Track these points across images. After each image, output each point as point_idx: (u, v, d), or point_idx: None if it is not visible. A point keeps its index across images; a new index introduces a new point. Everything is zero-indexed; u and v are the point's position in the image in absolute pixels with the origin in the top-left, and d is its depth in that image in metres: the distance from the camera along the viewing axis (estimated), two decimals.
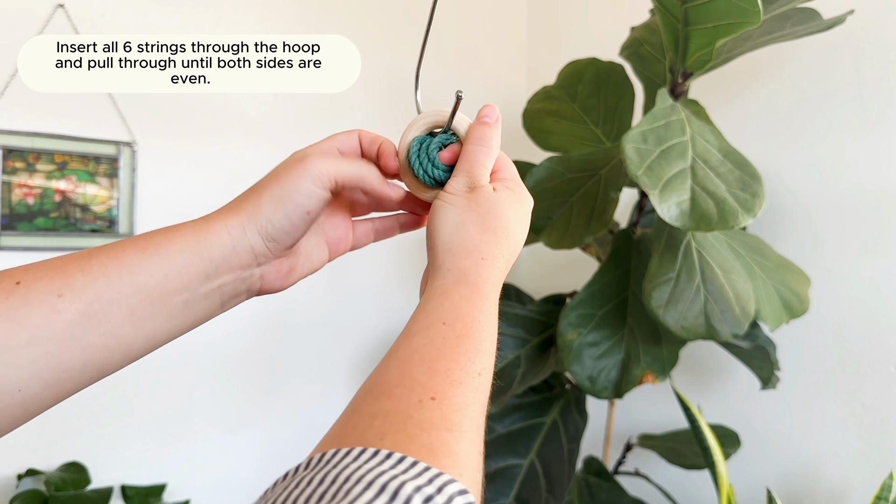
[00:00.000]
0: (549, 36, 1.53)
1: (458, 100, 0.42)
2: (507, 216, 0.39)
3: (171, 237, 0.36)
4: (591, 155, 0.91)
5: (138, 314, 0.34)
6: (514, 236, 0.40)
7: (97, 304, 0.32)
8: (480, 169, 0.40)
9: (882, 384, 0.92)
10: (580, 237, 0.90)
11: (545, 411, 1.01)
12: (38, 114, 0.97)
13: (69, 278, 0.32)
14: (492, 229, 0.38)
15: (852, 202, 0.96)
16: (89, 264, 0.33)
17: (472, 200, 0.39)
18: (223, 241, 0.37)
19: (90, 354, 0.32)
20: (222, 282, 0.37)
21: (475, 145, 0.41)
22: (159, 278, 0.34)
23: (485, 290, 0.36)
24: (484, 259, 0.37)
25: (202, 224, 0.37)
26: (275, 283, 0.41)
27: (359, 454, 0.23)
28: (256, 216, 0.38)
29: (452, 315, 0.33)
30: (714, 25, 0.72)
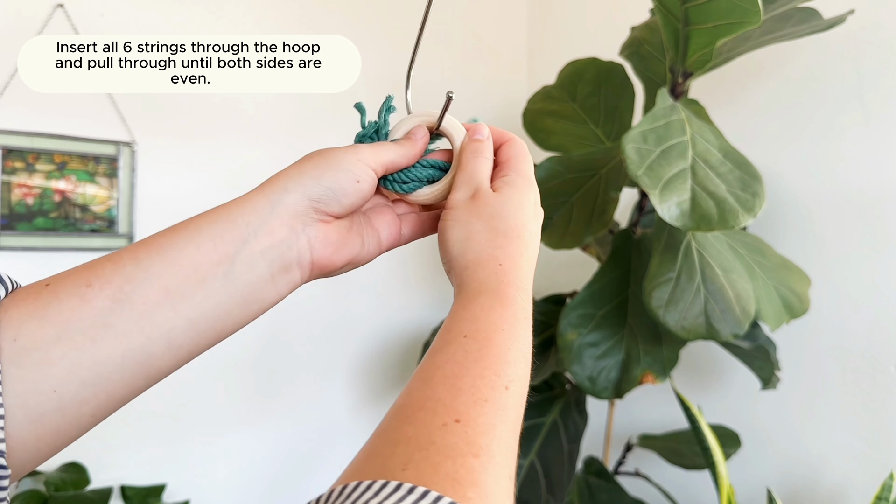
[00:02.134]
0: (549, 36, 1.53)
1: (449, 100, 0.41)
2: (514, 215, 0.38)
3: (204, 215, 0.34)
4: (592, 155, 0.91)
5: (174, 291, 0.31)
6: (527, 232, 0.38)
7: (128, 287, 0.30)
8: (479, 176, 0.40)
9: (882, 384, 0.92)
10: (580, 237, 0.90)
11: (545, 411, 1.01)
12: (38, 114, 0.97)
13: (98, 268, 0.31)
14: (502, 233, 0.37)
15: (852, 202, 0.96)
16: (118, 255, 0.32)
17: (474, 209, 0.38)
18: (260, 204, 0.35)
19: (128, 343, 0.30)
20: (264, 246, 0.34)
21: (471, 156, 0.40)
22: (191, 251, 0.32)
23: (506, 295, 0.34)
24: (502, 265, 0.36)
25: (235, 199, 0.35)
26: (325, 255, 0.37)
27: (380, 488, 0.22)
28: (300, 177, 0.36)
29: (473, 327, 0.32)
30: (714, 25, 0.72)
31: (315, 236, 0.37)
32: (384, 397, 1.37)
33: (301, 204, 0.36)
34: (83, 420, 0.29)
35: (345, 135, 1.40)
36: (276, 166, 1.13)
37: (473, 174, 0.40)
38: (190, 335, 0.32)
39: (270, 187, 0.36)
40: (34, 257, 0.98)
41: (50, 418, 0.28)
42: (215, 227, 0.33)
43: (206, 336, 0.33)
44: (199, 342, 0.33)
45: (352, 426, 1.32)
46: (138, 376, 0.31)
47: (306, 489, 1.28)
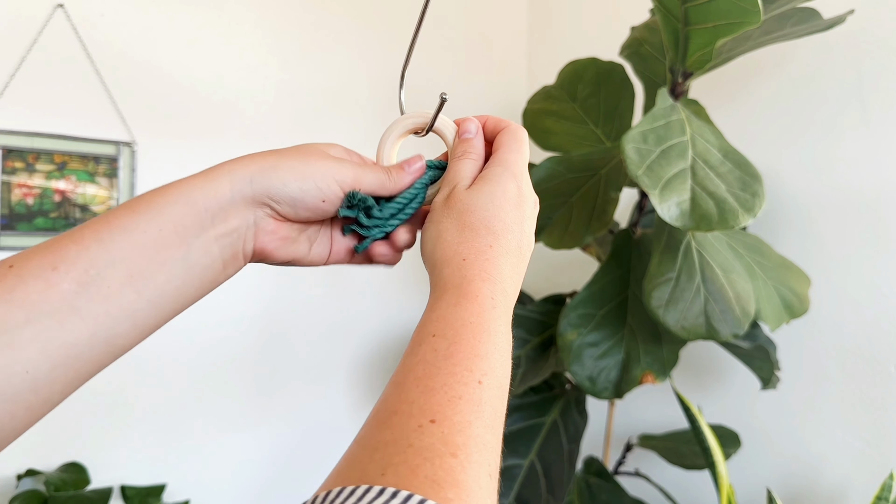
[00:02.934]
0: (549, 36, 1.53)
1: (443, 102, 0.41)
2: (483, 206, 0.37)
3: (166, 192, 0.34)
4: (592, 155, 0.91)
5: (137, 275, 0.32)
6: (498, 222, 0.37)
7: (93, 270, 0.31)
8: (459, 176, 0.39)
9: (882, 384, 0.92)
10: (580, 237, 0.90)
11: (545, 411, 1.01)
12: (38, 114, 0.97)
13: (62, 250, 0.31)
14: (469, 227, 0.36)
15: (852, 202, 0.96)
16: (81, 234, 0.32)
17: (447, 207, 0.38)
18: (222, 190, 0.35)
19: (95, 325, 0.31)
20: (218, 232, 0.35)
21: (456, 159, 0.40)
22: (153, 234, 0.33)
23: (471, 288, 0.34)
24: (465, 259, 0.35)
25: (203, 174, 0.36)
26: (271, 249, 0.39)
27: (363, 494, 0.23)
28: (270, 174, 0.36)
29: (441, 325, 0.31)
30: (714, 25, 0.72)
31: (264, 228, 0.38)
32: None
33: (260, 198, 0.36)
34: (55, 397, 0.31)
35: (344, 134, 1.41)
36: None
37: (454, 175, 0.40)
38: (152, 314, 0.33)
39: (237, 173, 0.36)
40: None
41: (24, 398, 0.29)
42: (176, 210, 0.34)
43: (166, 313, 0.34)
44: (159, 320, 0.34)
45: (352, 426, 1.32)
46: (105, 354, 0.32)
47: (306, 489, 1.28)
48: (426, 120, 0.42)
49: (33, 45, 0.96)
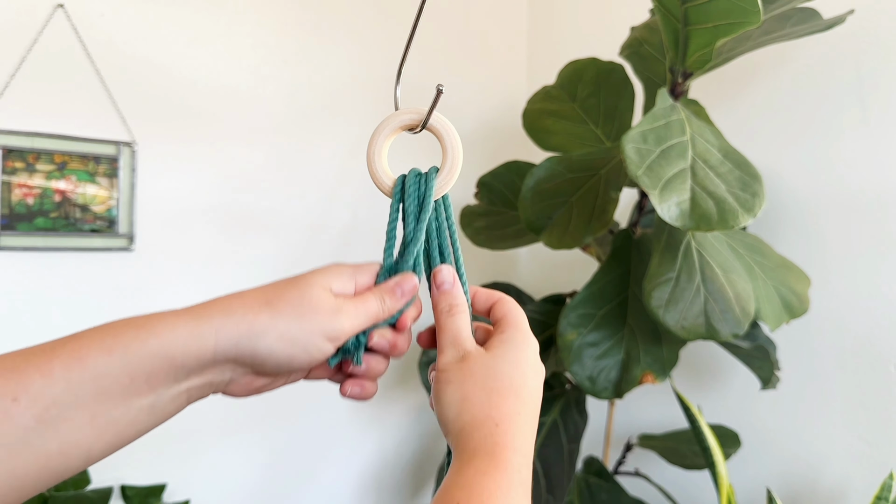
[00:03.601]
0: (549, 36, 1.53)
1: (439, 93, 0.39)
2: (511, 373, 0.37)
3: (143, 336, 0.33)
4: (591, 155, 0.91)
5: (100, 419, 0.31)
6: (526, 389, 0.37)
7: (55, 410, 0.30)
8: (462, 335, 0.39)
9: (882, 384, 0.92)
10: (580, 237, 0.90)
11: (545, 411, 1.01)
12: (38, 114, 0.97)
13: (26, 379, 0.30)
14: (497, 392, 0.36)
15: (852, 202, 0.96)
16: (49, 365, 0.30)
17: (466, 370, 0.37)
18: (206, 350, 0.34)
19: (46, 461, 0.30)
20: (191, 385, 0.35)
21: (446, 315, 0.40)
22: (125, 383, 0.32)
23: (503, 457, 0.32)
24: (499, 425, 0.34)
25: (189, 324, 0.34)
26: (239, 393, 0.38)
27: None
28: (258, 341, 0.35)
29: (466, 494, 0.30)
30: (714, 25, 0.72)
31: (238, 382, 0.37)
32: (384, 397, 1.37)
33: (242, 361, 0.35)
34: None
35: (344, 135, 1.41)
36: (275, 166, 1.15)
37: (456, 334, 0.39)
38: (106, 452, 0.33)
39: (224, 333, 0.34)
40: (34, 257, 0.98)
41: None
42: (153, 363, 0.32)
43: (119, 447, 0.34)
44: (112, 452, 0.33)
45: (352, 426, 1.32)
46: (52, 481, 0.31)
47: (306, 489, 1.28)
48: (421, 117, 0.41)
49: (33, 45, 0.96)
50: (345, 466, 1.32)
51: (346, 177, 1.28)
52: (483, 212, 1.11)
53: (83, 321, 1.03)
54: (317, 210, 1.26)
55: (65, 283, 1.01)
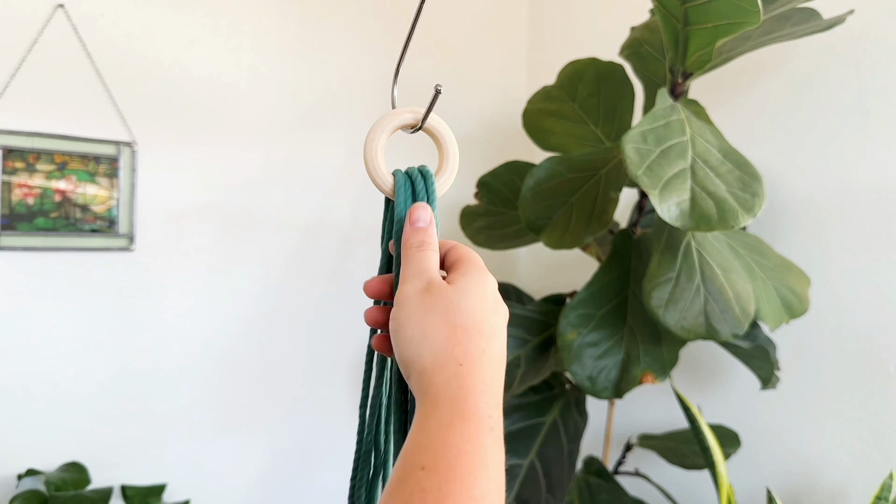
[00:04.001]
0: (549, 36, 1.53)
1: (437, 94, 0.39)
2: (472, 307, 0.34)
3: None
4: (591, 155, 0.91)
5: None
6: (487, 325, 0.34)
7: None
8: (429, 266, 0.36)
9: (882, 384, 0.92)
10: (580, 237, 0.90)
11: (545, 411, 1.01)
12: (38, 114, 0.97)
13: None
14: (461, 328, 0.33)
15: (852, 202, 0.96)
16: None
17: (428, 302, 0.34)
18: None
19: None
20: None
21: (416, 248, 0.37)
22: None
23: (469, 403, 0.30)
24: (462, 364, 0.31)
25: None
26: None
27: None
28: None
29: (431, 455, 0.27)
30: (714, 25, 0.72)
31: None
32: None
33: None
34: None
35: (344, 134, 1.41)
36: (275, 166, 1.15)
37: (421, 265, 0.36)
38: None
39: None
40: (34, 257, 0.98)
41: None
42: None
43: None
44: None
45: (352, 426, 1.32)
46: None
47: (306, 489, 1.28)
48: (418, 116, 0.41)
49: (33, 45, 0.96)
50: (345, 466, 1.32)
51: (346, 177, 1.28)
52: (483, 212, 1.11)
53: (83, 321, 1.03)
54: (317, 210, 1.26)
55: (65, 283, 1.01)
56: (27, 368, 0.98)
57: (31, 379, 0.98)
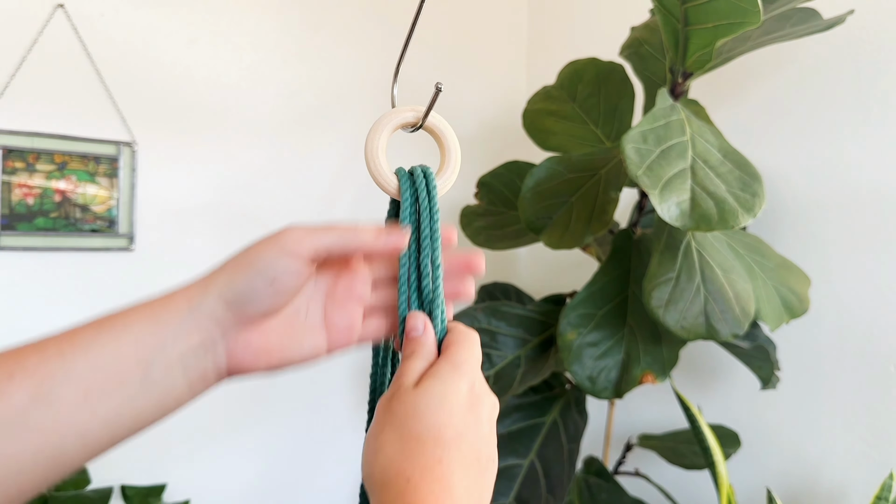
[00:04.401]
0: (549, 36, 1.53)
1: (438, 92, 0.38)
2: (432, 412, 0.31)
3: (130, 312, 0.33)
4: (591, 155, 0.91)
5: (93, 394, 0.31)
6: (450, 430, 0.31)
7: (48, 384, 0.30)
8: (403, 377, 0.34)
9: (882, 384, 0.92)
10: (580, 237, 0.90)
11: (545, 411, 1.01)
12: (38, 114, 0.97)
13: (23, 360, 0.30)
14: (414, 437, 0.31)
15: (852, 202, 0.96)
16: (44, 346, 0.31)
17: (389, 412, 0.33)
18: (180, 307, 0.34)
19: (42, 440, 0.29)
20: (181, 351, 0.33)
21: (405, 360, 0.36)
22: (113, 353, 0.32)
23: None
24: (409, 481, 0.29)
25: (165, 296, 0.34)
26: (244, 362, 0.36)
27: None
28: (217, 279, 0.35)
29: None
30: (714, 25, 0.72)
31: (234, 341, 0.35)
32: None
33: (218, 308, 0.34)
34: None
35: (344, 134, 1.41)
36: (275, 166, 1.15)
37: (398, 374, 0.35)
38: (104, 434, 0.32)
39: (195, 288, 0.35)
40: (34, 257, 0.98)
41: None
42: (137, 329, 0.33)
43: (120, 434, 0.32)
44: (113, 439, 0.32)
45: (352, 426, 1.32)
46: (50, 470, 0.30)
47: (306, 489, 1.28)
48: (419, 115, 0.40)
49: (33, 45, 0.96)
50: (345, 466, 1.32)
51: (346, 177, 1.28)
52: (483, 212, 1.11)
53: (83, 321, 1.03)
54: (317, 210, 1.26)
55: (65, 283, 1.01)
56: None
57: None
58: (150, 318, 0.33)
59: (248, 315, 0.35)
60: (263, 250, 0.35)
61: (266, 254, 0.34)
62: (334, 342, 0.38)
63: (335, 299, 0.39)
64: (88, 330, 0.32)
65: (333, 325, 0.38)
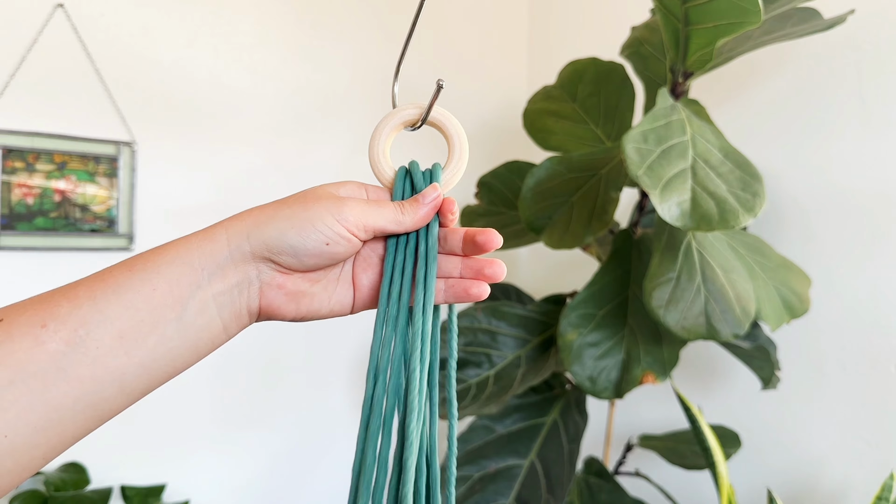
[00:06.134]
0: (549, 36, 1.53)
1: (439, 88, 0.38)
2: None
3: (164, 250, 0.33)
4: (592, 155, 0.91)
5: (128, 336, 0.31)
6: None
7: (83, 330, 0.30)
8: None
9: (882, 384, 0.92)
10: (580, 237, 0.90)
11: (545, 411, 1.01)
12: (38, 114, 0.97)
13: (54, 307, 0.30)
14: None
15: (853, 202, 0.96)
16: (75, 291, 0.31)
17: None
18: (219, 248, 0.34)
19: (80, 388, 0.29)
20: (216, 291, 0.33)
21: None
22: (147, 293, 0.31)
23: None
24: None
25: (201, 233, 0.35)
26: (278, 305, 0.36)
27: None
28: (266, 226, 0.34)
29: None
30: (715, 25, 0.72)
31: (268, 283, 0.36)
32: None
33: (259, 252, 0.34)
34: (35, 462, 0.29)
35: (344, 134, 1.41)
36: (275, 166, 1.15)
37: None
38: (142, 378, 0.32)
39: (234, 229, 0.35)
40: (34, 257, 0.98)
41: (1, 462, 0.28)
42: (172, 270, 0.33)
43: (157, 378, 0.33)
44: (150, 384, 0.32)
45: (351, 426, 1.32)
46: (90, 418, 0.30)
47: (306, 489, 1.28)
48: (421, 112, 0.40)
49: (33, 45, 0.96)
50: (345, 466, 1.32)
51: (347, 176, 1.28)
52: (483, 212, 1.11)
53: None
54: None
55: (64, 282, 1.01)
56: None
57: None
58: (183, 260, 0.33)
59: (291, 266, 0.36)
60: (325, 214, 0.35)
61: (328, 219, 0.35)
62: (360, 301, 0.40)
63: (363, 260, 0.40)
64: (120, 272, 0.32)
65: (361, 285, 0.40)
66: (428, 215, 0.38)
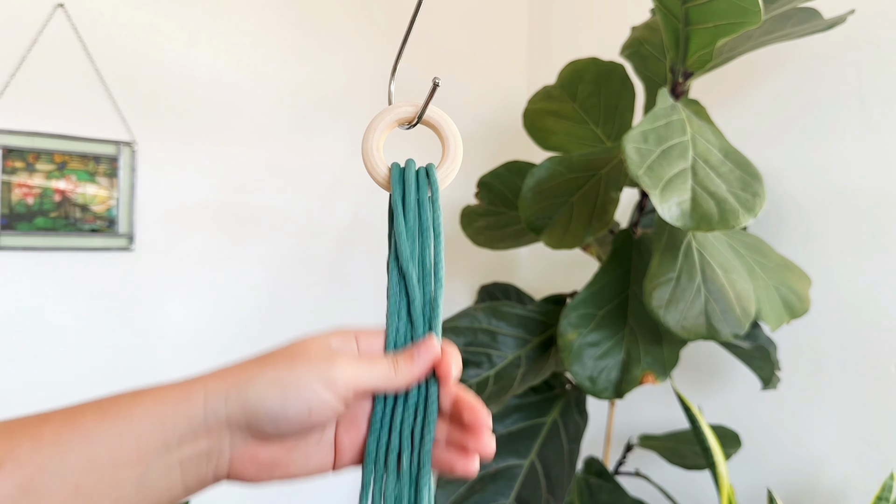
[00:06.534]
0: (549, 36, 1.53)
1: (435, 86, 0.38)
2: None
3: (140, 399, 0.32)
4: (592, 155, 0.91)
5: (85, 490, 0.29)
6: None
7: (39, 477, 0.28)
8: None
9: (882, 384, 0.92)
10: (580, 237, 0.90)
11: (545, 411, 1.01)
12: (38, 114, 0.97)
13: (16, 446, 0.29)
14: None
15: (853, 202, 0.96)
16: (41, 430, 0.29)
17: None
18: (195, 408, 0.32)
19: None
20: (184, 455, 0.32)
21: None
22: (114, 447, 0.30)
23: None
24: None
25: (178, 386, 0.32)
26: (246, 473, 0.35)
27: None
28: (246, 389, 0.32)
29: None
30: (715, 25, 0.72)
31: (240, 453, 0.34)
32: None
33: (235, 419, 0.32)
34: None
35: (344, 134, 1.41)
36: (275, 166, 1.15)
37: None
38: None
39: (212, 389, 0.32)
40: (34, 257, 0.98)
41: None
42: (143, 425, 0.31)
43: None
44: None
45: None
46: None
47: (305, 489, 1.28)
48: (417, 110, 0.40)
49: (33, 45, 0.96)
50: None
51: (346, 176, 1.28)
52: (483, 212, 1.11)
53: (83, 321, 1.03)
54: (317, 210, 1.26)
55: (65, 282, 1.01)
56: (26, 368, 0.98)
57: (31, 379, 0.98)
58: (158, 415, 0.31)
59: (268, 434, 0.33)
60: (310, 379, 0.33)
61: (313, 384, 0.32)
62: (341, 461, 0.38)
63: (347, 421, 0.37)
64: (91, 415, 0.31)
65: (342, 446, 0.37)
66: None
